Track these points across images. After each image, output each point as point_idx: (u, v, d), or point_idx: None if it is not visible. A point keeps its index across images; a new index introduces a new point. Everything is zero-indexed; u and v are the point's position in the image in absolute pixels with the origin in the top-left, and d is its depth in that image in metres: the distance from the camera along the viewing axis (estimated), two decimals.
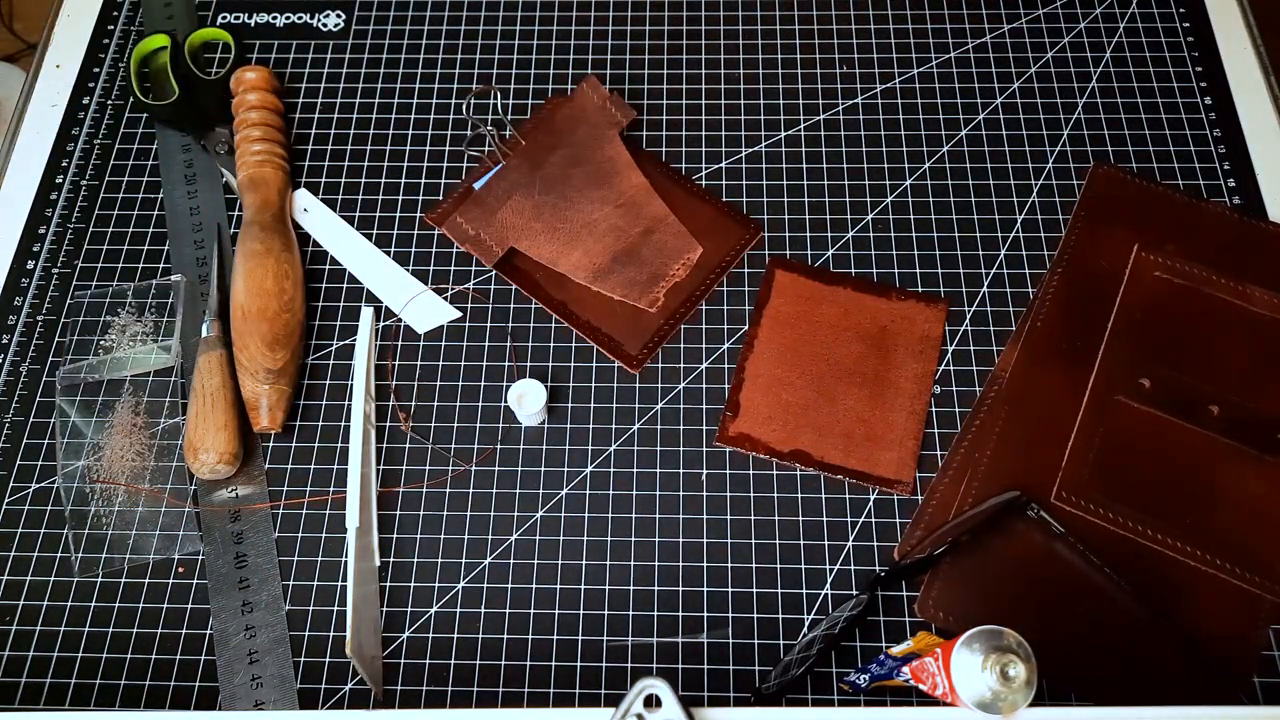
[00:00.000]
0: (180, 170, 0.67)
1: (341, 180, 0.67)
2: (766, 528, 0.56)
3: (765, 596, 0.54)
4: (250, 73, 0.66)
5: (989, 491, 0.56)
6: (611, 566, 0.55)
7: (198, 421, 0.55)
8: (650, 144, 0.68)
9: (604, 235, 0.63)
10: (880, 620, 0.53)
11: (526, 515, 0.56)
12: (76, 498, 0.56)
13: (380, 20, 0.73)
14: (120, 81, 0.71)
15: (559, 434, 0.58)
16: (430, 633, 0.53)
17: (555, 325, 0.61)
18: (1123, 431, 0.57)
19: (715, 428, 0.58)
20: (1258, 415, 0.57)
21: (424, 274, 0.63)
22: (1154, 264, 0.62)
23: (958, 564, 0.54)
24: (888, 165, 0.66)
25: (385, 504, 0.56)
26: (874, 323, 0.61)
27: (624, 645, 0.53)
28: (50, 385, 0.60)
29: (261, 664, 0.52)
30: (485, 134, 0.66)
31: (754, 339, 0.60)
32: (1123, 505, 0.55)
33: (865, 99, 0.69)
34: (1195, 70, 0.69)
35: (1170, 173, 0.66)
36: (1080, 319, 0.60)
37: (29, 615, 0.54)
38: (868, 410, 0.58)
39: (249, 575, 0.54)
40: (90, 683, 0.52)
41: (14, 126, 0.69)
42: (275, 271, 0.59)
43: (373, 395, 0.59)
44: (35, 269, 0.64)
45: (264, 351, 0.57)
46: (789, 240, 0.64)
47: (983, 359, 0.60)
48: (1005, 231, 0.64)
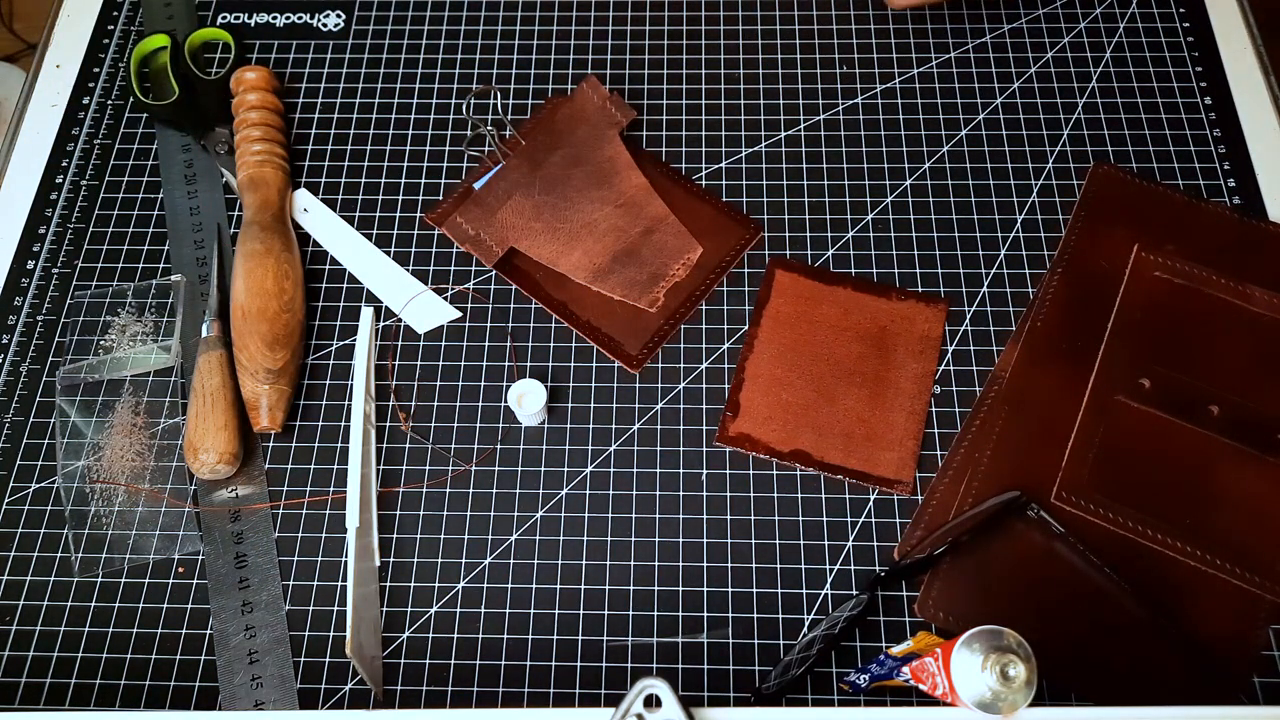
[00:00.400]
0: (180, 170, 0.67)
1: (341, 180, 0.67)
2: (766, 528, 0.56)
3: (765, 596, 0.54)
4: (250, 73, 0.66)
5: (989, 491, 0.56)
6: (611, 566, 0.55)
7: (198, 421, 0.55)
8: (650, 144, 0.68)
9: (604, 235, 0.63)
10: (880, 620, 0.53)
11: (526, 515, 0.56)
12: (76, 498, 0.56)
13: (380, 20, 0.73)
14: (120, 81, 0.71)
15: (559, 434, 0.58)
16: (430, 633, 0.53)
17: (555, 325, 0.61)
18: (1123, 431, 0.57)
19: (715, 428, 0.58)
20: (1258, 415, 0.57)
21: (424, 274, 0.63)
22: (1154, 264, 0.61)
23: (958, 564, 0.54)
24: (888, 165, 0.66)
25: (385, 504, 0.56)
26: (874, 323, 0.61)
27: (624, 645, 0.53)
28: (50, 385, 0.60)
29: (261, 664, 0.52)
30: (485, 134, 0.66)
31: (754, 339, 0.60)
32: (1123, 505, 0.55)
33: (865, 99, 0.69)
34: (1195, 70, 0.69)
35: (1170, 173, 0.66)
36: (1080, 319, 0.60)
37: (29, 615, 0.54)
38: (868, 410, 0.58)
39: (249, 575, 0.54)
40: (90, 683, 0.52)
41: (14, 126, 0.69)
42: (275, 271, 0.59)
43: (373, 395, 0.59)
44: (35, 269, 0.64)
45: (264, 351, 0.57)
46: (789, 240, 0.64)
47: (983, 359, 0.60)
48: (1005, 231, 0.64)
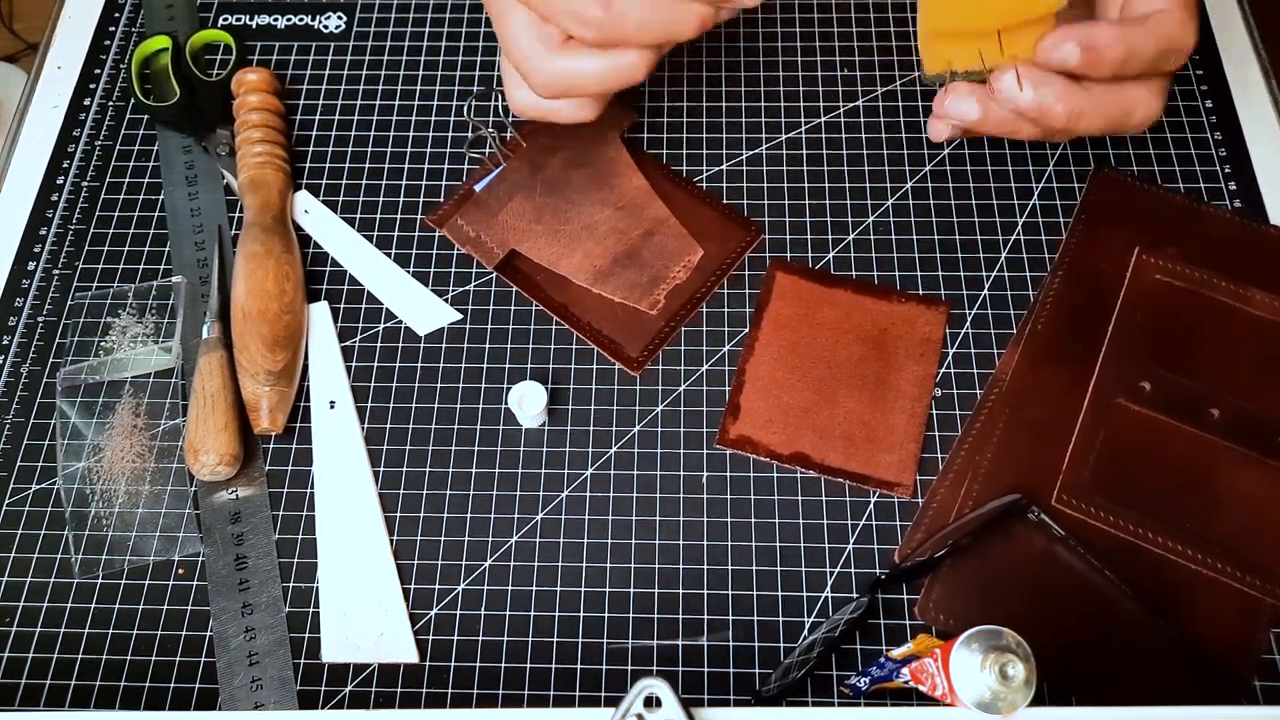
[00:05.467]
0: (181, 172, 0.67)
1: (342, 182, 0.67)
2: (767, 530, 0.56)
3: (765, 599, 0.54)
4: (251, 74, 0.66)
5: (989, 494, 0.55)
6: (612, 569, 0.55)
7: (198, 423, 0.55)
8: (651, 146, 0.68)
9: (605, 237, 0.63)
10: (880, 623, 0.53)
11: (527, 517, 0.56)
12: (77, 499, 0.56)
13: (381, 22, 0.73)
14: (121, 83, 0.71)
15: (559, 436, 0.58)
16: (430, 635, 0.53)
17: (556, 327, 0.61)
18: (1123, 434, 0.57)
19: (716, 430, 0.58)
20: (1259, 418, 0.57)
21: (425, 276, 0.63)
22: (1155, 267, 0.62)
23: (958, 567, 0.54)
24: (889, 168, 0.66)
25: (385, 505, 0.56)
26: (874, 325, 0.61)
27: (624, 648, 0.53)
28: (51, 387, 0.60)
29: (261, 666, 0.52)
30: (486, 136, 0.66)
31: (754, 341, 0.60)
32: (1123, 508, 0.55)
33: (866, 101, 0.69)
34: (1196, 74, 0.69)
35: (1171, 176, 0.66)
36: (1081, 322, 0.60)
37: (29, 617, 0.54)
38: (868, 413, 0.58)
39: (249, 577, 0.54)
40: (90, 684, 0.52)
41: (15, 128, 0.69)
42: (276, 273, 0.59)
43: (348, 391, 0.59)
44: (36, 270, 0.64)
45: (264, 353, 0.57)
46: (789, 243, 0.64)
47: (983, 362, 0.60)
48: (1006, 234, 0.64)
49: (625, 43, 0.49)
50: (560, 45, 0.50)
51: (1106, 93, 0.50)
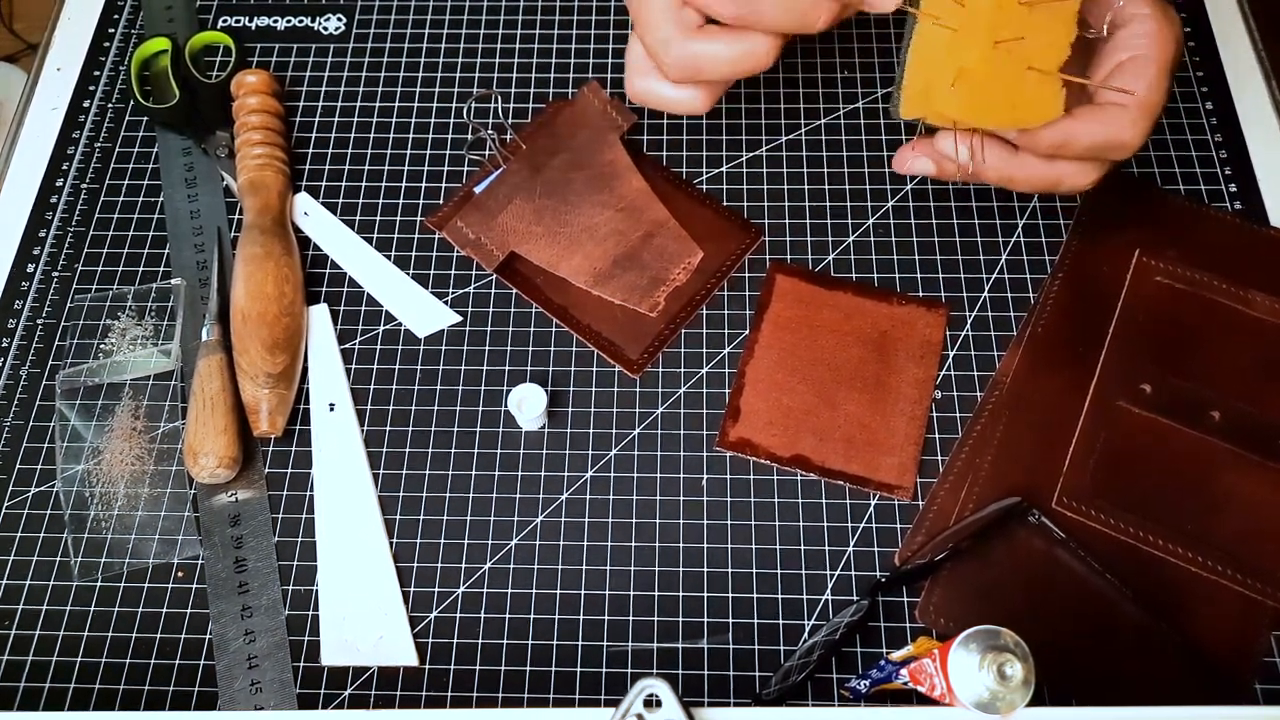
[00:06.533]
0: (181, 174, 0.67)
1: (342, 184, 0.67)
2: (767, 533, 0.55)
3: (765, 602, 0.54)
4: (251, 76, 0.66)
5: (990, 497, 0.55)
6: (611, 572, 0.55)
7: (197, 425, 0.55)
8: (651, 148, 0.67)
9: (605, 239, 0.63)
10: (881, 626, 0.53)
11: (526, 520, 0.56)
12: (76, 502, 0.56)
13: (381, 24, 0.73)
14: (121, 85, 0.71)
15: (559, 438, 0.58)
16: (430, 638, 0.53)
17: (556, 329, 0.61)
18: (1124, 437, 0.57)
19: (716, 432, 0.58)
20: (1259, 420, 0.57)
21: (424, 278, 0.63)
22: (1155, 269, 0.61)
23: (958, 570, 0.54)
24: (889, 170, 0.66)
25: (384, 508, 0.56)
26: (875, 327, 0.61)
27: (624, 650, 0.53)
28: (50, 389, 0.60)
29: (261, 668, 0.52)
30: (486, 138, 0.66)
31: (754, 343, 0.60)
32: (1124, 511, 0.55)
33: (866, 103, 0.69)
34: (1196, 75, 0.69)
35: (1171, 178, 0.65)
36: (1081, 324, 0.60)
37: (28, 619, 0.54)
38: (868, 415, 0.58)
39: (248, 579, 0.54)
40: (89, 687, 0.52)
41: (14, 130, 0.69)
42: (275, 275, 0.59)
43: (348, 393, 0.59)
44: (35, 272, 0.64)
45: (264, 355, 0.57)
46: (790, 245, 0.64)
47: (983, 364, 0.60)
48: (1006, 236, 0.64)
49: (760, 25, 0.50)
50: (696, 30, 0.52)
51: (1040, 165, 0.53)
